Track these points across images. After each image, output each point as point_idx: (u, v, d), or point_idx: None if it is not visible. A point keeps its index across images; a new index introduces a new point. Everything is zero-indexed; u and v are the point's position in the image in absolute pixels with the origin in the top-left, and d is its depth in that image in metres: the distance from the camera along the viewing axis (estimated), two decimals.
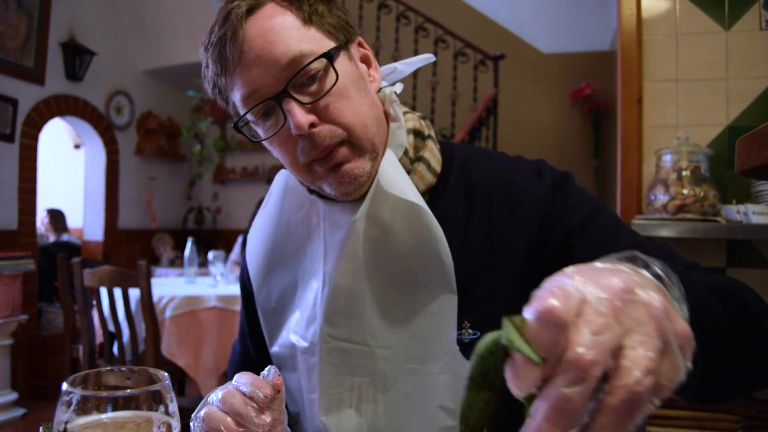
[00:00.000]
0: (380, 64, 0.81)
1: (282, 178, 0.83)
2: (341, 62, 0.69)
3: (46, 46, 3.78)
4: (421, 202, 0.69)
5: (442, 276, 0.69)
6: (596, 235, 0.69)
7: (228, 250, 4.04)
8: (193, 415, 0.63)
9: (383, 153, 0.73)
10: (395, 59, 4.82)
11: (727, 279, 0.64)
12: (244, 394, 0.61)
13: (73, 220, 5.06)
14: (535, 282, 0.37)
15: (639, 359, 0.30)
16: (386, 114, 0.76)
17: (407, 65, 0.81)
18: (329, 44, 0.69)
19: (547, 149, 4.57)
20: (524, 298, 0.34)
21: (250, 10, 0.67)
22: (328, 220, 0.76)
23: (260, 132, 0.72)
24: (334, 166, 0.68)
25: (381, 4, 4.71)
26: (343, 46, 0.70)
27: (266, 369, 0.63)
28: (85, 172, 4.52)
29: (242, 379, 0.62)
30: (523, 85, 4.92)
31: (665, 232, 1.62)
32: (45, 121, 3.86)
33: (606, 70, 4.34)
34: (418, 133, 0.77)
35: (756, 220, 1.59)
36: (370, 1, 4.72)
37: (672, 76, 1.88)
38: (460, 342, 0.69)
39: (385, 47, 4.66)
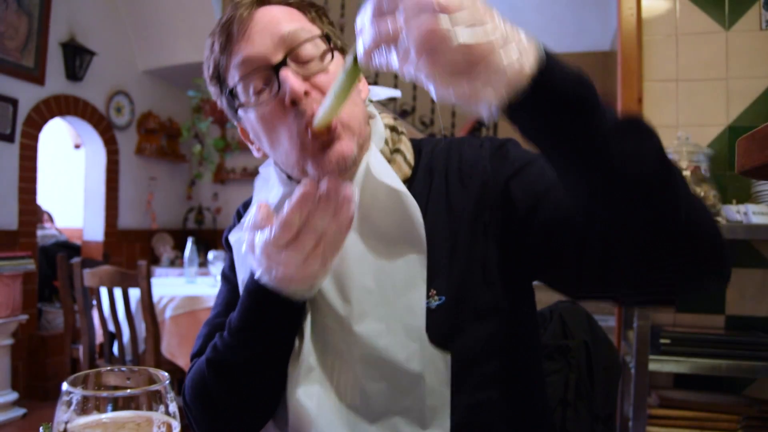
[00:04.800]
0: None
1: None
2: (338, 55, 0.74)
3: (46, 46, 3.78)
4: (404, 188, 0.71)
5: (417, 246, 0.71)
6: (531, 176, 0.71)
7: None
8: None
9: (367, 146, 0.76)
10: None
11: None
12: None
13: (73, 220, 5.05)
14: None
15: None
16: None
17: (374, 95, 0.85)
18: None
19: None
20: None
21: (260, 2, 0.72)
22: None
23: (250, 113, 0.72)
24: (327, 141, 0.69)
25: None
26: (339, 48, 0.75)
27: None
28: (85, 172, 4.52)
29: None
30: None
31: None
32: (45, 121, 3.85)
33: (606, 70, 4.33)
34: (393, 129, 0.81)
35: (756, 220, 1.59)
36: None
37: (672, 76, 1.88)
38: (428, 309, 0.70)
39: None
